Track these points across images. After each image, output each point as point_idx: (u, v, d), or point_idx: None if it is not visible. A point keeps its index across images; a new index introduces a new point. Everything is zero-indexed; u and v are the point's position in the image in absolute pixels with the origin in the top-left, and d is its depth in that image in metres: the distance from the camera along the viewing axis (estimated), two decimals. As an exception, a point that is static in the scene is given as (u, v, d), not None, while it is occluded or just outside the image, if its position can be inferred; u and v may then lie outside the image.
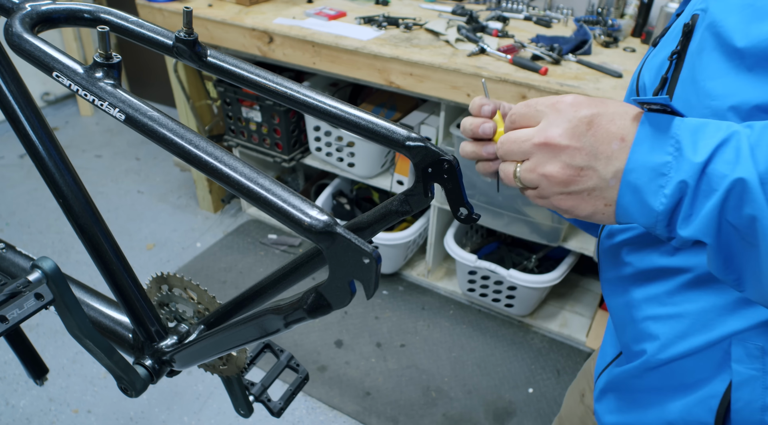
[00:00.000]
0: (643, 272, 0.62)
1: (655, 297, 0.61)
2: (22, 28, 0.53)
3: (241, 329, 0.58)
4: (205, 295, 0.68)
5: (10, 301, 0.52)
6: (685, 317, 0.58)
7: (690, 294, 0.58)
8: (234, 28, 1.90)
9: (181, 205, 2.73)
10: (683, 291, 0.58)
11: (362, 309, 2.14)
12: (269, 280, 0.66)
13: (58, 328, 2.02)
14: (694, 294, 0.58)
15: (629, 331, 0.65)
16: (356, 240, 0.42)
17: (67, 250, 2.40)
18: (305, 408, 1.79)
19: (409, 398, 1.81)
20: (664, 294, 0.60)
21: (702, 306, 0.57)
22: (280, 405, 0.85)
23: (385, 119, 0.57)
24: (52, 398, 1.79)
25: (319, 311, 0.49)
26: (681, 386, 0.60)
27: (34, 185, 2.80)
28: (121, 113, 0.48)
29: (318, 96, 0.58)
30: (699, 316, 0.57)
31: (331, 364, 1.92)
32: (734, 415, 0.56)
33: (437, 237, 2.12)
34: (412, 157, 0.57)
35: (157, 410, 1.77)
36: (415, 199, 0.60)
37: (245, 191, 0.45)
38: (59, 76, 0.50)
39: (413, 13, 1.98)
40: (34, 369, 0.68)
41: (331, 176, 2.56)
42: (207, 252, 2.42)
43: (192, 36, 0.59)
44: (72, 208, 0.60)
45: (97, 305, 0.74)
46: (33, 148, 0.59)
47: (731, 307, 0.55)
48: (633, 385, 0.66)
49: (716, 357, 0.56)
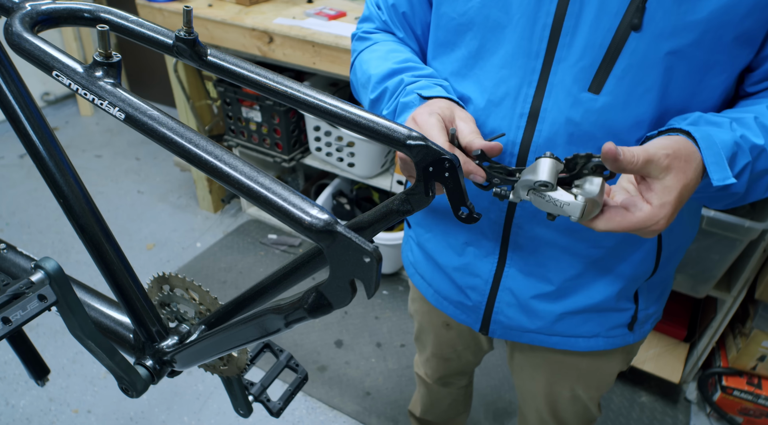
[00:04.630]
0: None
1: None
2: (22, 27, 0.53)
3: (242, 329, 0.58)
4: (206, 296, 0.68)
5: (14, 303, 0.51)
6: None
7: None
8: (234, 28, 1.90)
9: (181, 205, 2.73)
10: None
11: (362, 309, 2.14)
12: (270, 280, 0.66)
13: (59, 328, 2.02)
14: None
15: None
16: (357, 239, 0.42)
17: (67, 250, 2.40)
18: (305, 408, 1.79)
19: (409, 398, 1.81)
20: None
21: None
22: (279, 405, 0.85)
23: (385, 118, 0.57)
24: (52, 398, 1.79)
25: (320, 310, 0.49)
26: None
27: (34, 185, 2.80)
28: (121, 112, 0.48)
29: (319, 95, 0.58)
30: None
31: (331, 364, 1.92)
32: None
33: (437, 237, 2.12)
34: (412, 155, 0.57)
35: (157, 410, 1.77)
36: (416, 198, 0.59)
37: (245, 190, 0.45)
38: (59, 75, 0.50)
39: (413, 12, 1.98)
40: (36, 369, 0.68)
41: (331, 176, 2.55)
42: (207, 252, 2.42)
43: (192, 35, 0.59)
44: (72, 208, 0.60)
45: (98, 305, 0.74)
46: (33, 148, 0.59)
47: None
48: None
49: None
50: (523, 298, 0.85)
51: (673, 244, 0.82)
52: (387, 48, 0.84)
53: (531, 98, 0.70)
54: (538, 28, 0.67)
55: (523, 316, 0.87)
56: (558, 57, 0.67)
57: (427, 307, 1.10)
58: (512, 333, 0.90)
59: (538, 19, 0.66)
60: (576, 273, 0.81)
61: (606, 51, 0.64)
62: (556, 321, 0.86)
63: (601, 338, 0.87)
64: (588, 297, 0.83)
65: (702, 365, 1.78)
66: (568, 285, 0.82)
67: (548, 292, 0.83)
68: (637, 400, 1.83)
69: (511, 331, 0.90)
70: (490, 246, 0.84)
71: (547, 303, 0.84)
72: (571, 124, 0.68)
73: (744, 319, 1.67)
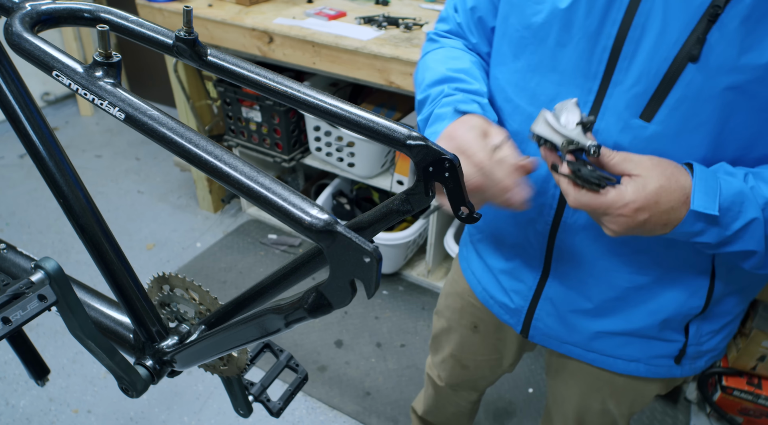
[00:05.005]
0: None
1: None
2: (21, 27, 0.53)
3: (242, 329, 0.58)
4: (206, 296, 0.68)
5: (14, 303, 0.51)
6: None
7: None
8: (234, 28, 1.90)
9: (181, 204, 2.73)
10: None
11: (362, 309, 2.14)
12: (270, 280, 0.66)
13: (59, 328, 2.02)
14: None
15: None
16: (357, 239, 0.42)
17: (67, 250, 2.40)
18: (305, 408, 1.79)
19: (409, 398, 1.81)
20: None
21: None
22: (279, 405, 0.85)
23: (386, 118, 0.57)
24: (52, 398, 1.79)
25: (320, 310, 0.49)
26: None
27: (34, 185, 2.80)
28: (121, 112, 0.48)
29: (319, 95, 0.58)
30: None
31: (331, 364, 1.92)
32: None
33: (437, 237, 2.12)
34: (412, 155, 0.57)
35: (157, 410, 1.77)
36: (416, 198, 0.59)
37: (245, 190, 0.45)
38: (59, 75, 0.50)
39: (413, 13, 1.98)
40: (36, 369, 0.68)
41: (331, 176, 2.55)
42: (207, 252, 2.42)
43: (192, 35, 0.59)
44: (72, 208, 0.60)
45: (98, 305, 0.74)
46: (33, 148, 0.59)
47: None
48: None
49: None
50: (562, 310, 0.85)
51: (731, 284, 0.78)
52: (449, 55, 0.85)
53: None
54: (598, 49, 0.66)
55: (561, 327, 0.87)
56: (615, 80, 0.66)
57: (459, 304, 1.09)
58: (551, 341, 0.90)
59: (599, 41, 0.66)
60: (616, 296, 0.79)
61: (661, 80, 0.63)
62: (594, 339, 0.84)
63: (642, 364, 0.85)
64: (627, 322, 0.81)
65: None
66: (607, 305, 0.80)
67: (587, 309, 0.82)
68: (637, 400, 1.83)
69: (549, 339, 0.90)
70: (536, 256, 0.84)
71: (585, 320, 0.83)
72: (618, 149, 0.66)
73: (744, 319, 1.67)
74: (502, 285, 0.92)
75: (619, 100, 0.66)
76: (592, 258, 0.78)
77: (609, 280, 0.78)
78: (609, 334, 0.83)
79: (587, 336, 0.85)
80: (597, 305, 0.81)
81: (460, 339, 1.13)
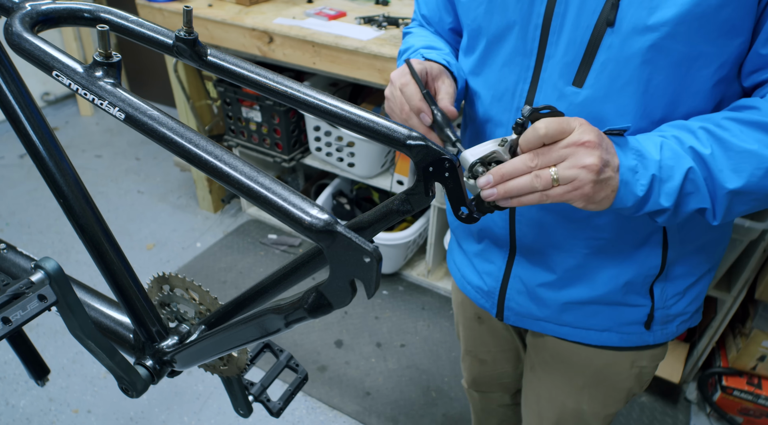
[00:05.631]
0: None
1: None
2: (22, 27, 0.53)
3: (242, 329, 0.58)
4: (206, 296, 0.68)
5: (14, 303, 0.51)
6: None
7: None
8: (234, 28, 1.90)
9: (181, 205, 2.73)
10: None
11: (362, 309, 2.14)
12: (270, 280, 0.66)
13: (59, 328, 2.02)
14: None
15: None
16: (357, 238, 0.42)
17: (67, 250, 2.40)
18: (305, 408, 1.79)
19: (409, 398, 1.81)
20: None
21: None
22: (279, 405, 0.85)
23: (386, 118, 0.57)
24: (52, 398, 1.79)
25: (320, 310, 0.49)
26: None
27: (34, 185, 2.80)
28: (121, 112, 0.48)
29: (319, 95, 0.58)
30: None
31: (331, 364, 1.92)
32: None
33: (437, 237, 2.12)
34: (412, 155, 0.57)
35: (157, 410, 1.77)
36: (416, 198, 0.60)
37: (246, 190, 0.45)
38: (59, 75, 0.50)
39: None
40: (36, 369, 0.68)
41: (331, 176, 2.56)
42: (207, 252, 2.42)
43: (192, 35, 0.59)
44: (72, 208, 0.60)
45: (98, 306, 0.74)
46: (33, 148, 0.59)
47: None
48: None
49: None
50: (530, 286, 0.88)
51: (686, 244, 0.81)
52: (421, 33, 0.97)
53: (525, 93, 0.76)
54: (531, 28, 0.73)
55: (531, 304, 0.90)
56: (547, 54, 0.72)
57: (460, 298, 1.13)
58: (524, 320, 0.93)
59: (531, 21, 0.72)
60: (576, 264, 0.83)
61: (586, 47, 0.68)
62: (563, 311, 0.87)
63: (614, 333, 0.88)
64: (590, 289, 0.84)
65: (702, 365, 1.78)
66: (569, 274, 0.84)
67: (551, 281, 0.86)
68: (637, 400, 1.83)
69: (523, 318, 0.92)
70: (501, 234, 0.87)
71: (552, 292, 0.87)
72: None
73: (744, 319, 1.67)
74: (476, 269, 0.96)
75: (553, 71, 0.72)
76: (550, 228, 0.81)
77: (569, 248, 0.82)
78: (576, 304, 0.86)
79: (556, 309, 0.88)
80: (560, 276, 0.85)
81: (469, 333, 1.17)
